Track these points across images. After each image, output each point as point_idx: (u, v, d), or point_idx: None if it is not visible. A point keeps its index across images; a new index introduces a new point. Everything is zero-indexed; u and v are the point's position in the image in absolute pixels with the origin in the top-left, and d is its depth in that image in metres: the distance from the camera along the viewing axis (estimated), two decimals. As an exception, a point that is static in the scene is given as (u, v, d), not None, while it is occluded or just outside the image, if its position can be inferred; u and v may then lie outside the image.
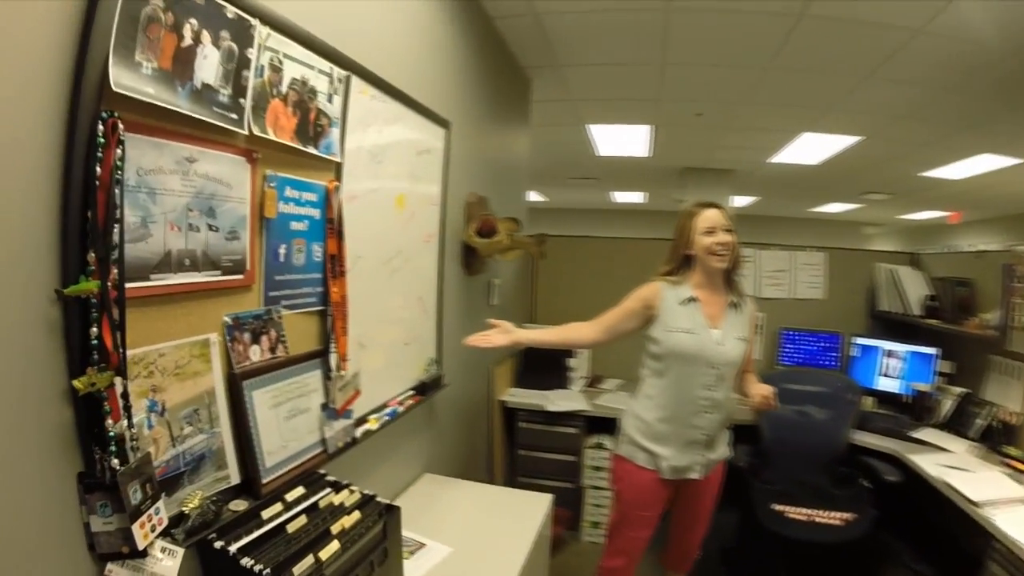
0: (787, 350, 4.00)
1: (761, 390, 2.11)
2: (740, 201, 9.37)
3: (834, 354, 3.90)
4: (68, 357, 0.91)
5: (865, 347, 3.76)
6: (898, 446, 2.90)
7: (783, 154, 5.85)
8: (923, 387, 3.33)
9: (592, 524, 3.38)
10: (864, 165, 6.04)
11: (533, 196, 10.22)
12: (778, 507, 2.80)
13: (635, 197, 9.96)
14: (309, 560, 1.16)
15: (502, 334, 2.19)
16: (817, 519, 2.74)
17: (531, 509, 2.20)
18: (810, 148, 5.48)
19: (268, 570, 1.09)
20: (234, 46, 1.17)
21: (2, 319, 0.82)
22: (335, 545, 1.22)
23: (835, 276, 4.10)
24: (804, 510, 2.78)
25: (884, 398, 3.54)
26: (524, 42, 3.29)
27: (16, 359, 0.84)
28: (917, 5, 2.59)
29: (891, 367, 3.60)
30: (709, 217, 2.11)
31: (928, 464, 2.59)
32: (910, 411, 3.33)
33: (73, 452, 0.93)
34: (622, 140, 5.62)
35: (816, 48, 3.15)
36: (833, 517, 2.73)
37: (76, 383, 0.90)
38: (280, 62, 1.33)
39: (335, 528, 1.28)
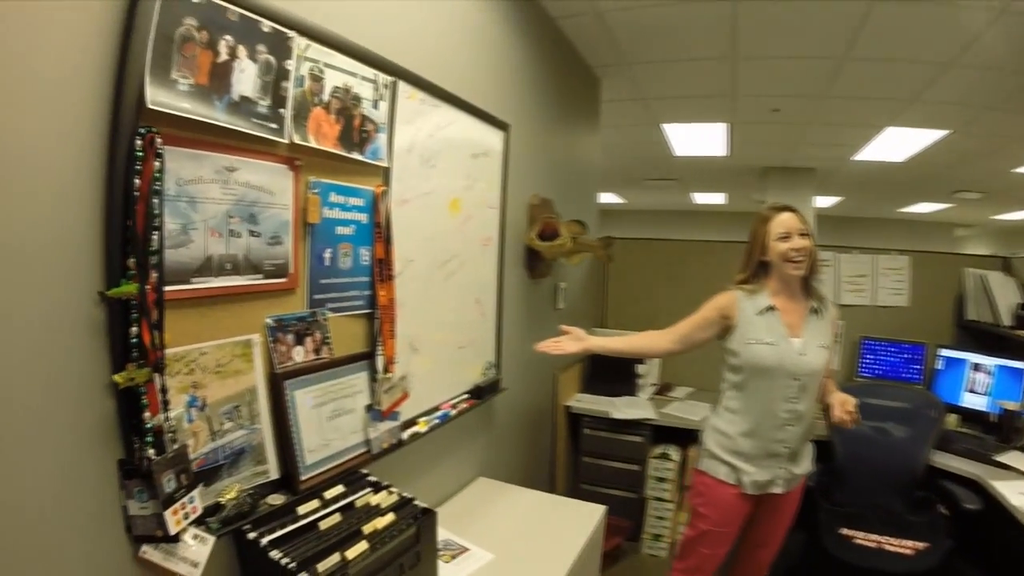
0: (867, 361, 3.75)
1: (843, 401, 1.98)
2: (824, 202, 8.88)
3: (917, 366, 3.62)
4: (111, 353, 1.01)
5: (950, 359, 3.45)
6: (980, 470, 2.66)
7: (867, 151, 5.52)
8: (1011, 405, 3.01)
9: (653, 537, 3.29)
10: (953, 161, 5.60)
11: (611, 198, 10.11)
12: (846, 531, 2.65)
13: (716, 198, 9.64)
14: (335, 558, 1.21)
15: (573, 341, 2.19)
16: (887, 547, 2.55)
17: (582, 519, 2.18)
18: (895, 144, 5.15)
19: (294, 564, 1.15)
20: (271, 59, 1.25)
21: (52, 318, 0.93)
22: (363, 545, 1.27)
23: (920, 282, 3.81)
24: (874, 536, 2.61)
25: (968, 416, 3.24)
26: (589, 41, 3.26)
27: (64, 354, 0.95)
28: None
29: (978, 382, 3.28)
30: (783, 221, 2.02)
31: (1011, 492, 2.36)
32: (996, 431, 3.03)
33: (114, 440, 1.03)
34: (699, 139, 5.47)
35: (893, 34, 2.95)
36: (904, 546, 2.54)
37: (116, 378, 1.00)
38: (321, 71, 1.40)
39: (367, 528, 1.33)
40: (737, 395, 2.09)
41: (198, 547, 1.09)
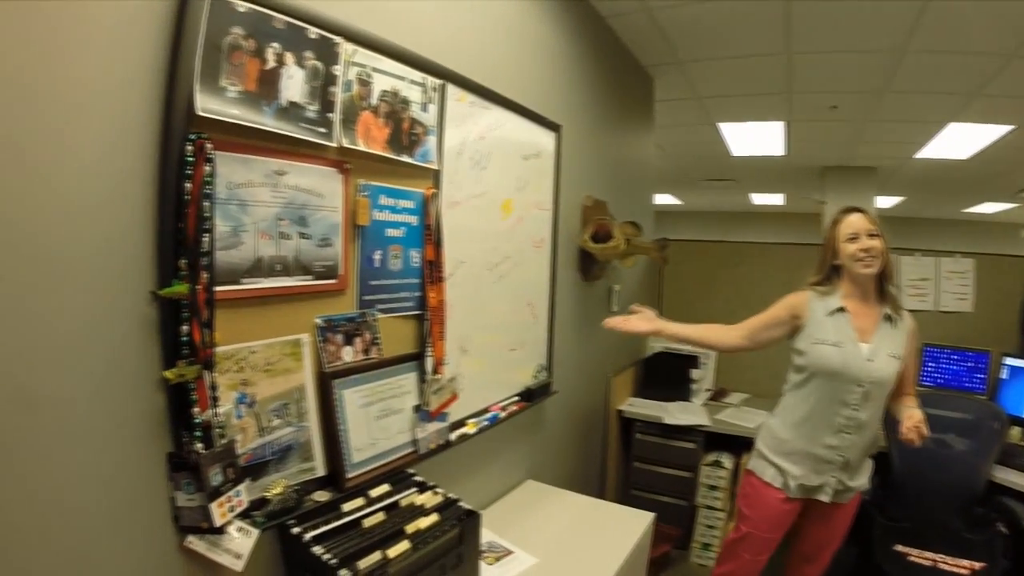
0: (928, 369, 3.53)
1: (911, 416, 1.87)
2: (885, 202, 8.39)
3: (980, 376, 3.40)
4: (162, 350, 1.05)
5: (1016, 369, 3.21)
6: None
7: (929, 148, 5.18)
8: None
9: (703, 546, 3.19)
10: (1019, 158, 5.19)
11: (668, 200, 9.88)
12: (901, 548, 2.53)
13: (775, 199, 9.28)
14: (376, 556, 1.21)
15: (644, 320, 2.18)
16: (942, 566, 2.42)
17: (630, 526, 2.13)
18: (958, 140, 4.82)
19: (336, 560, 1.16)
20: (319, 64, 1.27)
21: (106, 316, 0.97)
22: (405, 544, 1.27)
23: (985, 286, 3.56)
24: (929, 554, 2.48)
25: None
26: (641, 40, 3.19)
27: (118, 351, 0.99)
28: None
29: None
30: (852, 223, 1.98)
31: None
32: None
33: (164, 434, 1.06)
34: (755, 138, 5.27)
35: (954, 25, 2.76)
36: (960, 565, 2.40)
37: (167, 374, 1.03)
38: (368, 76, 1.42)
39: (410, 528, 1.33)
40: (797, 396, 2.04)
41: (242, 539, 1.11)
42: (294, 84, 1.22)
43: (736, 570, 2.14)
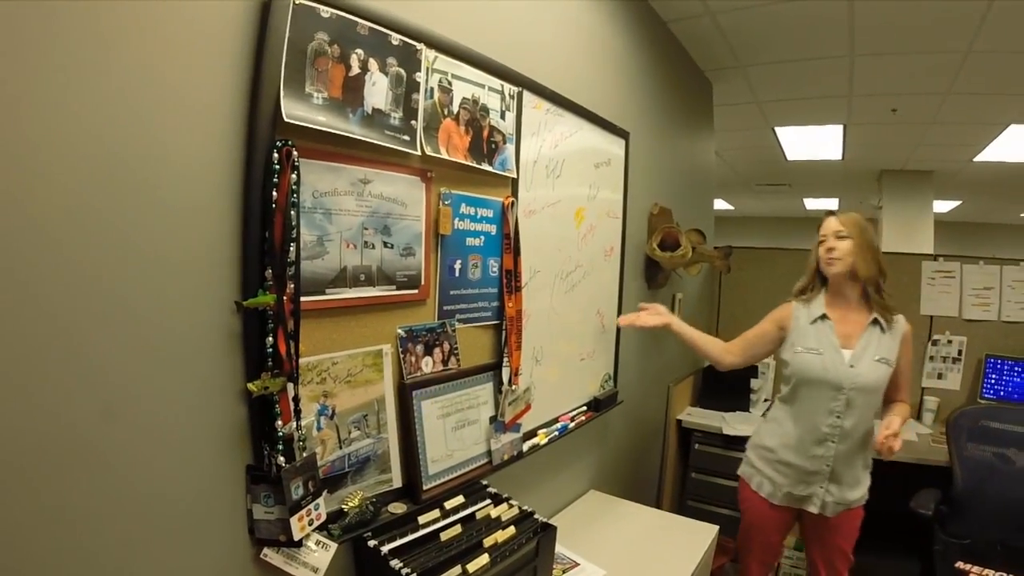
0: (991, 381, 3.23)
1: (890, 427, 1.69)
2: (942, 207, 7.83)
3: None
4: (245, 362, 0.97)
5: None
6: None
7: (989, 151, 4.80)
8: None
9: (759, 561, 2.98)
10: None
11: (720, 205, 9.51)
12: (963, 566, 2.31)
13: (829, 204, 8.80)
14: (456, 571, 1.12)
15: (653, 316, 2.10)
16: None
17: (695, 539, 1.98)
18: (1019, 143, 4.46)
19: (414, 574, 1.07)
20: (402, 71, 1.18)
21: (191, 326, 0.89)
22: (485, 559, 1.17)
23: None
24: (991, 572, 2.26)
25: None
26: (701, 44, 3.02)
27: (201, 361, 0.91)
28: None
29: None
30: (824, 226, 1.90)
31: None
32: None
33: (244, 445, 0.98)
34: (812, 142, 5.00)
35: (1018, 24, 2.51)
36: None
37: (250, 386, 0.95)
38: (449, 83, 1.32)
39: (488, 541, 1.22)
40: (784, 405, 1.96)
41: (320, 553, 1.02)
42: (378, 91, 1.13)
43: (744, 570, 2.09)
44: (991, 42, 2.76)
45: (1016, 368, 3.24)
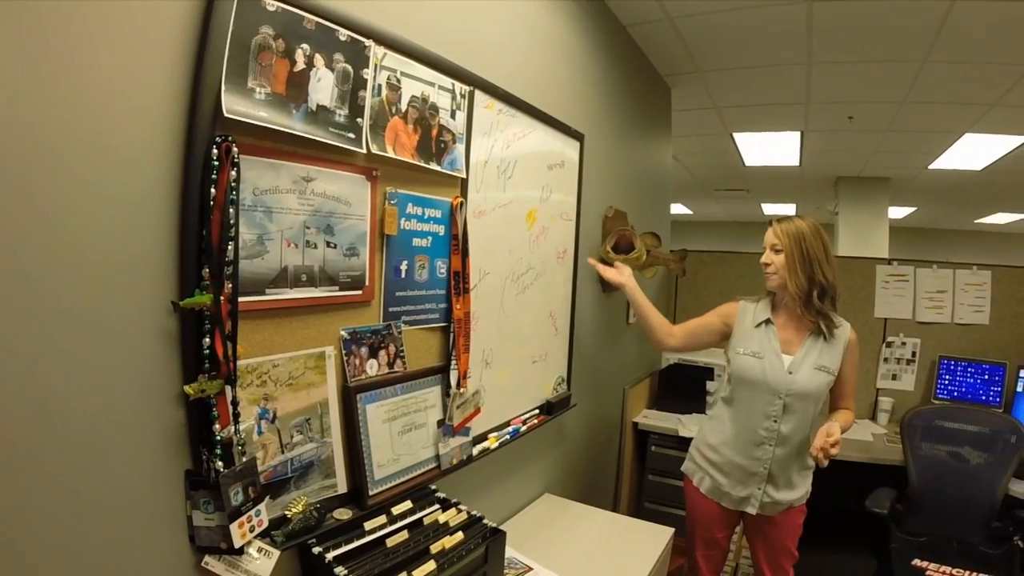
0: (944, 382, 3.45)
1: (831, 435, 1.77)
2: (898, 213, 8.30)
3: (997, 389, 3.33)
4: (182, 364, 0.97)
5: None
6: None
7: (944, 159, 5.14)
8: None
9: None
10: None
11: (678, 209, 9.78)
12: (919, 563, 2.45)
13: (786, 209, 9.18)
14: (402, 578, 1.14)
15: (616, 273, 2.25)
16: None
17: (650, 541, 2.04)
18: (973, 151, 4.79)
19: (360, 584, 1.09)
20: (349, 67, 1.20)
21: (127, 327, 0.89)
22: (431, 565, 1.19)
23: (1001, 299, 3.48)
24: (947, 568, 2.41)
25: None
26: (661, 49, 3.12)
27: (136, 363, 0.91)
28: None
29: None
30: (766, 236, 1.99)
31: None
32: None
33: (183, 451, 0.98)
34: (770, 148, 5.23)
35: (974, 35, 2.69)
36: None
37: (187, 389, 0.96)
38: (398, 80, 1.35)
39: (435, 547, 1.25)
40: (724, 405, 2.05)
41: (263, 560, 1.03)
42: (323, 87, 1.15)
43: (692, 566, 2.16)
44: (947, 53, 2.93)
45: (969, 369, 3.44)
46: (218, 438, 0.99)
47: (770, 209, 9.31)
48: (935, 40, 2.80)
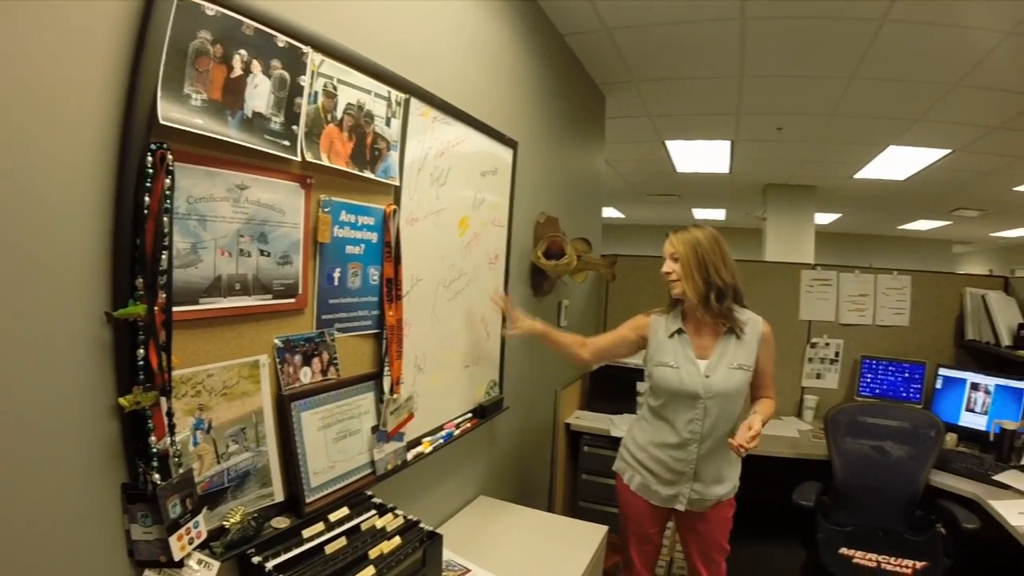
0: (867, 380, 3.76)
1: (751, 428, 1.88)
2: (824, 219, 8.93)
3: (916, 386, 3.64)
4: (117, 376, 0.97)
5: (949, 379, 3.48)
6: (979, 489, 2.67)
7: (868, 169, 5.57)
8: (1009, 425, 3.04)
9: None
10: (954, 180, 5.67)
11: (610, 213, 10.10)
12: (846, 551, 2.64)
13: (716, 214, 9.67)
14: (342, 584, 1.17)
15: (526, 327, 2.24)
16: (886, 566, 2.55)
17: (584, 539, 2.15)
18: (897, 162, 5.20)
19: (300, 592, 1.11)
20: (286, 74, 1.22)
21: (57, 339, 0.89)
22: (370, 570, 1.23)
23: (920, 301, 3.83)
24: (873, 556, 2.61)
25: (967, 435, 3.28)
26: (598, 58, 3.26)
27: (69, 375, 0.90)
28: (1005, 4, 2.38)
29: (977, 401, 3.32)
30: (664, 247, 2.11)
31: (1010, 512, 2.36)
32: (995, 451, 3.06)
33: (119, 464, 0.98)
34: (701, 156, 5.50)
35: (900, 56, 2.97)
36: (903, 565, 2.54)
37: (122, 401, 0.96)
38: (335, 88, 1.38)
39: (373, 553, 1.29)
40: (649, 411, 2.15)
41: (203, 572, 1.04)
42: (260, 94, 1.17)
43: (625, 563, 2.26)
44: (874, 70, 3.18)
45: (890, 368, 3.72)
46: (154, 450, 0.99)
47: (701, 214, 9.76)
48: (862, 58, 3.05)
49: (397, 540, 1.37)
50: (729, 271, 2.03)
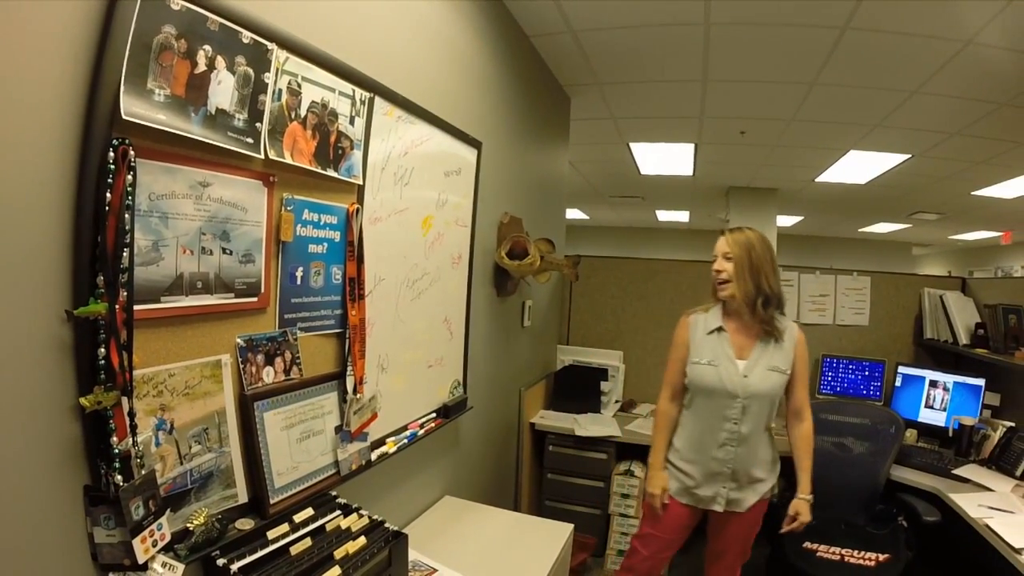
0: (827, 378, 3.90)
1: (800, 515, 2.14)
2: (786, 221, 9.22)
3: (877, 384, 3.79)
4: (77, 375, 0.97)
5: (909, 377, 3.64)
6: (938, 483, 2.80)
7: (829, 173, 5.77)
8: (967, 420, 3.20)
9: (618, 552, 3.30)
10: (913, 184, 5.92)
11: (575, 214, 10.21)
12: (810, 545, 2.72)
13: (680, 216, 9.88)
14: (309, 584, 1.18)
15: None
16: (849, 559, 2.64)
17: (551, 538, 2.18)
18: (857, 166, 5.40)
19: (266, 592, 1.12)
20: (250, 71, 1.23)
21: (16, 337, 0.88)
22: (336, 571, 1.24)
23: (880, 302, 3.99)
24: (836, 549, 2.70)
25: (927, 431, 3.44)
26: (563, 60, 3.32)
27: (28, 375, 0.90)
28: (965, 15, 2.52)
29: (935, 398, 3.48)
30: (717, 245, 2.14)
31: (969, 504, 2.48)
32: (954, 445, 3.21)
33: (80, 466, 0.98)
34: (665, 159, 5.61)
35: (861, 62, 3.10)
36: (866, 558, 2.63)
37: (83, 401, 0.95)
38: (299, 85, 1.38)
39: (339, 553, 1.30)
40: (689, 412, 2.19)
41: (167, 575, 1.04)
42: (223, 90, 1.17)
43: (636, 565, 2.28)
44: (835, 76, 3.30)
45: (850, 366, 3.86)
46: (116, 451, 0.99)
47: (665, 216, 9.94)
48: (824, 64, 3.16)
49: (362, 540, 1.38)
50: (776, 279, 2.07)
